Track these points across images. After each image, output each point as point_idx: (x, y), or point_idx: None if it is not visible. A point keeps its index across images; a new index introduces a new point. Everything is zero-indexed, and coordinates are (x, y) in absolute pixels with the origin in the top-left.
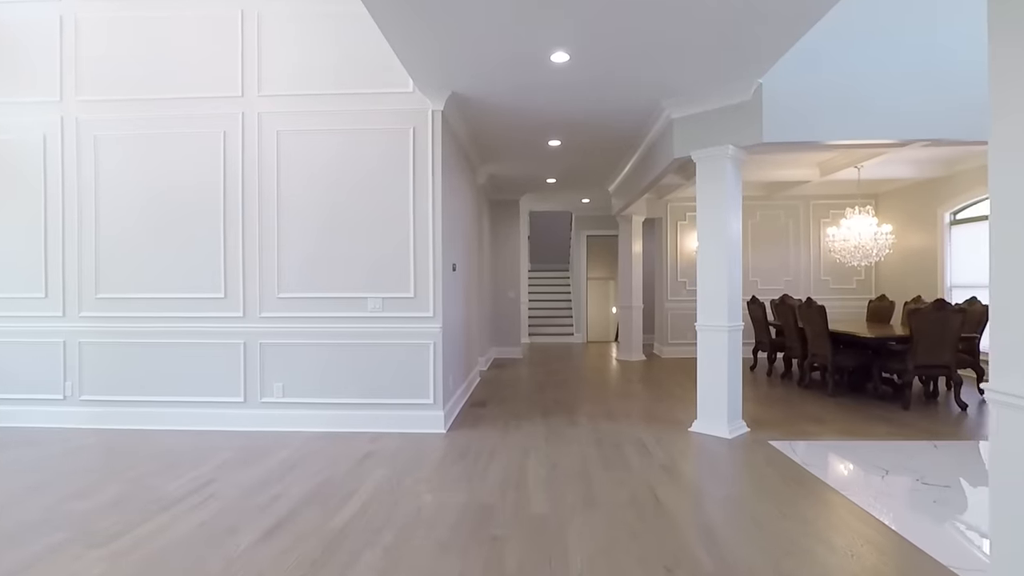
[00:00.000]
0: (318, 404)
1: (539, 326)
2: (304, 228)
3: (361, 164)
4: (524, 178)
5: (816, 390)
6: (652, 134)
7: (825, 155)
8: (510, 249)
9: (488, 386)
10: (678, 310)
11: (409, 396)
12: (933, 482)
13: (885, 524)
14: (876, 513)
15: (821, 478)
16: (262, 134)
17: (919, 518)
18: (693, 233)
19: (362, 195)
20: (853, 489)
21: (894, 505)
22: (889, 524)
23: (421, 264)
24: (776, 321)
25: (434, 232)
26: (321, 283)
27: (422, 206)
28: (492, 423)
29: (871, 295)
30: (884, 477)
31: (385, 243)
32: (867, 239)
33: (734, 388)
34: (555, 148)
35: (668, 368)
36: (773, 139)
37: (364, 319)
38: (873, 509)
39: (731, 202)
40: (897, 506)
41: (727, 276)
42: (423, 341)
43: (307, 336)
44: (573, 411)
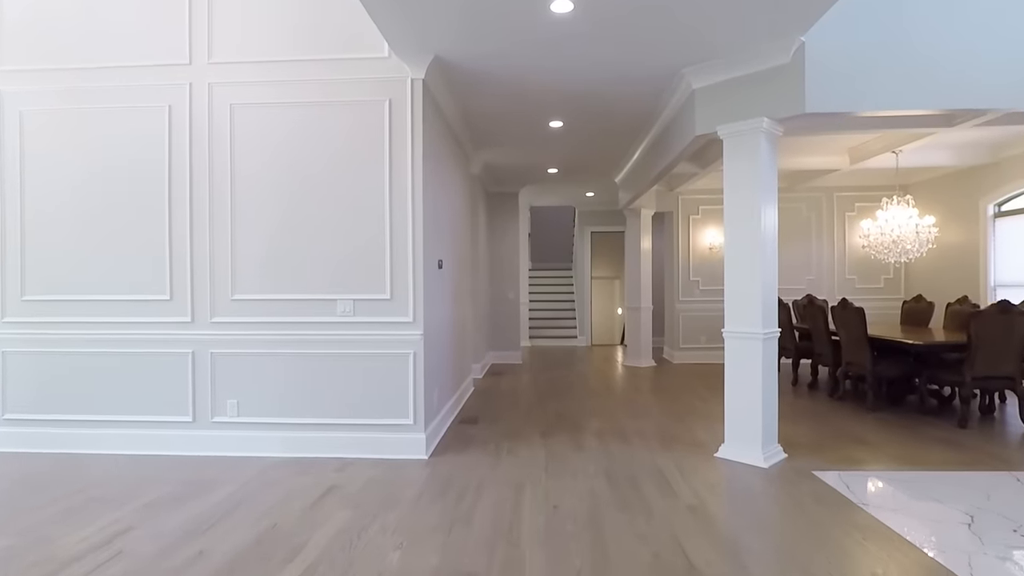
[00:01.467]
0: (278, 425)
1: (540, 328)
2: (263, 219)
3: (329, 143)
4: (523, 168)
5: (851, 403)
6: (668, 110)
7: (858, 139)
8: (509, 246)
9: (482, 398)
10: (690, 312)
11: (385, 415)
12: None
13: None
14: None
15: (890, 526)
16: (213, 108)
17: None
18: (707, 228)
19: (330, 179)
20: (936, 543)
21: (998, 572)
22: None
23: (399, 261)
24: (801, 324)
25: (414, 223)
26: (282, 283)
27: (400, 192)
28: (483, 446)
29: (900, 295)
30: (971, 526)
31: (357, 236)
32: (907, 233)
33: (769, 407)
34: (557, 131)
35: (681, 375)
36: (817, 109)
37: (332, 325)
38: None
39: (765, 185)
40: (1006, 574)
41: (761, 274)
42: (401, 351)
43: (266, 345)
44: (578, 429)
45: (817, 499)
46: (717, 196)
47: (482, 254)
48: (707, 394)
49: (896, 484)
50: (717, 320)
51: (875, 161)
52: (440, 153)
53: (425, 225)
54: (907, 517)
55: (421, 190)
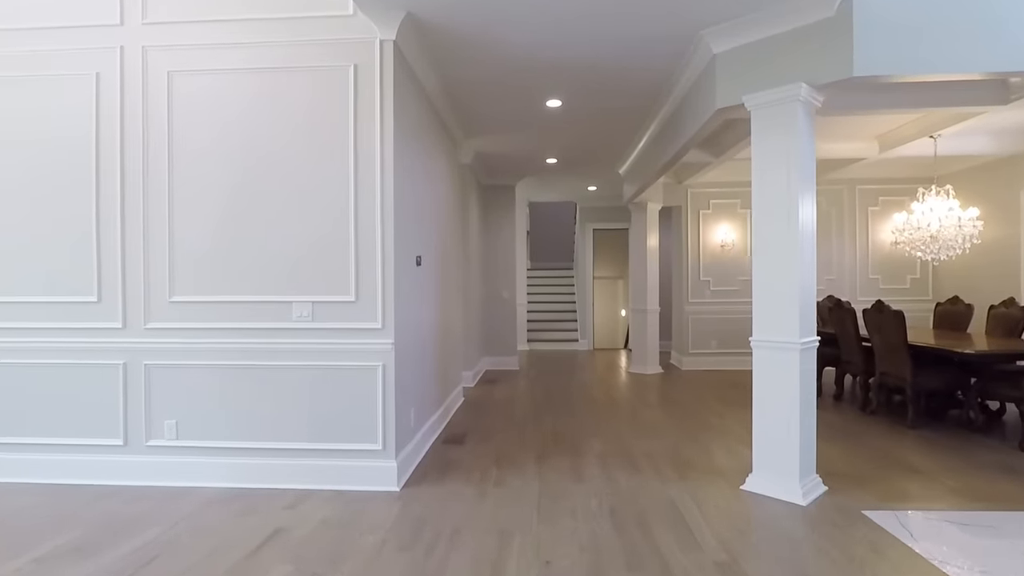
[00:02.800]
0: (224, 450)
1: (540, 331)
2: (206, 207)
3: (284, 117)
4: (519, 157)
5: (886, 418)
6: (682, 84)
7: (889, 124)
8: (504, 243)
9: (471, 411)
10: (700, 314)
11: (349, 439)
12: None
13: None
14: None
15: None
16: (148, 76)
17: None
18: (718, 224)
19: (285, 160)
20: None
21: None
22: None
23: (366, 257)
24: (824, 328)
25: (383, 212)
26: (229, 282)
27: (367, 176)
28: (467, 473)
29: (928, 296)
30: None
31: (317, 227)
32: (948, 227)
33: (808, 430)
34: (554, 113)
35: (692, 385)
36: (868, 71)
37: (288, 332)
38: None
39: (802, 167)
40: None
41: (798, 274)
42: (368, 363)
43: (210, 355)
44: (578, 452)
45: (876, 550)
46: (729, 189)
47: (474, 251)
48: (722, 407)
49: (969, 529)
50: (729, 323)
51: (907, 149)
52: (419, 133)
53: (397, 215)
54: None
55: (392, 173)
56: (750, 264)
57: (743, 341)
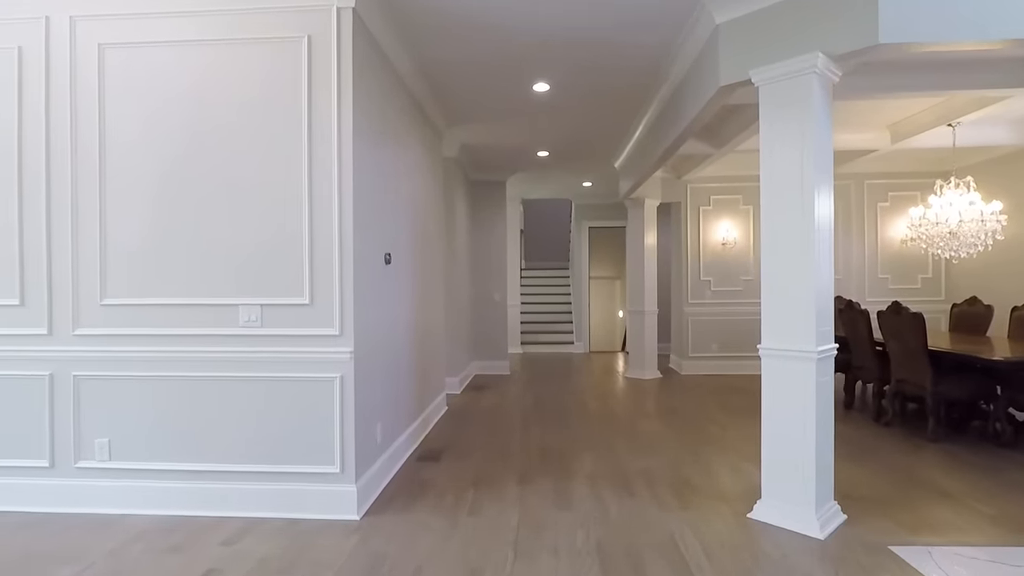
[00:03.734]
0: (162, 472)
1: (534, 333)
2: (142, 198)
3: (229, 96)
4: (508, 150)
5: (902, 430)
6: (681, 62)
7: (904, 112)
8: (495, 242)
9: (454, 422)
10: (700, 316)
11: (302, 461)
12: None
13: None
14: None
15: None
16: (77, 49)
17: None
18: (719, 221)
19: (231, 145)
20: None
21: None
22: None
23: (322, 254)
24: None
25: (342, 204)
26: (168, 282)
27: (323, 163)
28: (439, 499)
29: (941, 296)
30: None
31: (266, 220)
32: (970, 222)
33: (825, 452)
34: (543, 98)
35: (692, 391)
36: (896, 38)
37: (234, 339)
38: None
39: (819, 151)
40: None
41: (814, 274)
42: (324, 374)
43: (147, 365)
44: (566, 471)
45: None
46: (731, 184)
47: (462, 250)
48: (724, 417)
49: (1021, 572)
50: (730, 326)
51: (921, 140)
52: (390, 118)
53: (360, 208)
54: None
55: (352, 160)
56: (754, 263)
57: (745, 344)
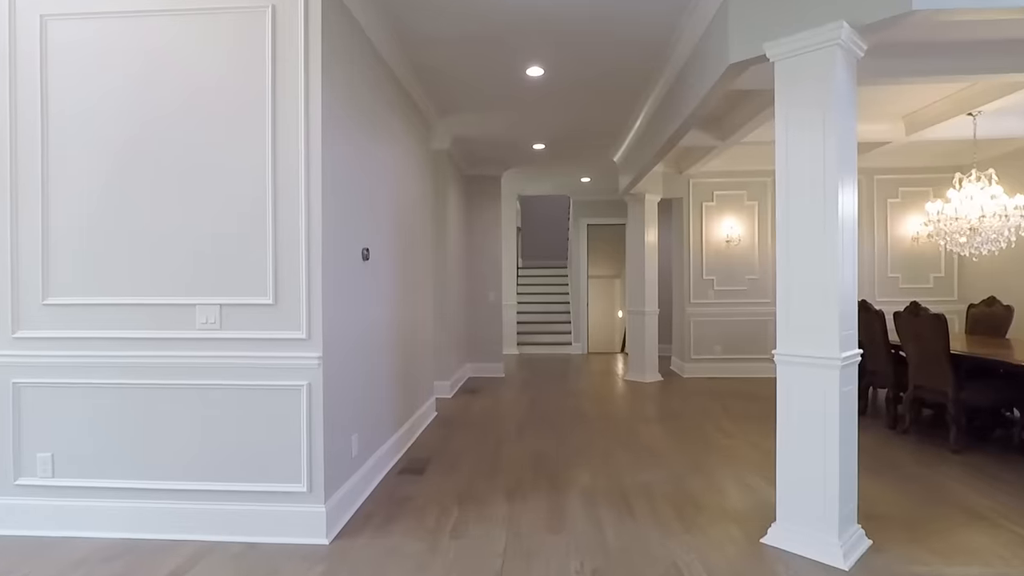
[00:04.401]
0: (110, 491)
1: (531, 334)
2: (89, 188)
3: (185, 73)
4: (503, 142)
5: (920, 438)
6: (685, 42)
7: (920, 100)
8: (490, 239)
9: (442, 429)
10: (703, 317)
11: (265, 478)
12: None
13: None
14: None
15: None
16: (17, 21)
17: None
18: (722, 218)
19: (187, 129)
20: None
21: None
22: None
23: (287, 249)
24: None
25: (309, 194)
26: (118, 281)
27: (288, 149)
28: (420, 519)
29: (953, 296)
30: None
31: (225, 211)
32: (993, 217)
33: (849, 469)
34: (537, 83)
35: (694, 395)
36: (932, 4)
37: (190, 343)
38: None
39: (843, 134)
40: None
41: (838, 272)
42: (289, 382)
43: (94, 372)
44: (560, 485)
45: None
46: (735, 179)
47: (454, 248)
48: (730, 424)
49: None
50: (734, 327)
51: (938, 131)
52: (370, 104)
53: (330, 198)
54: None
55: (320, 146)
56: (758, 261)
57: (750, 346)
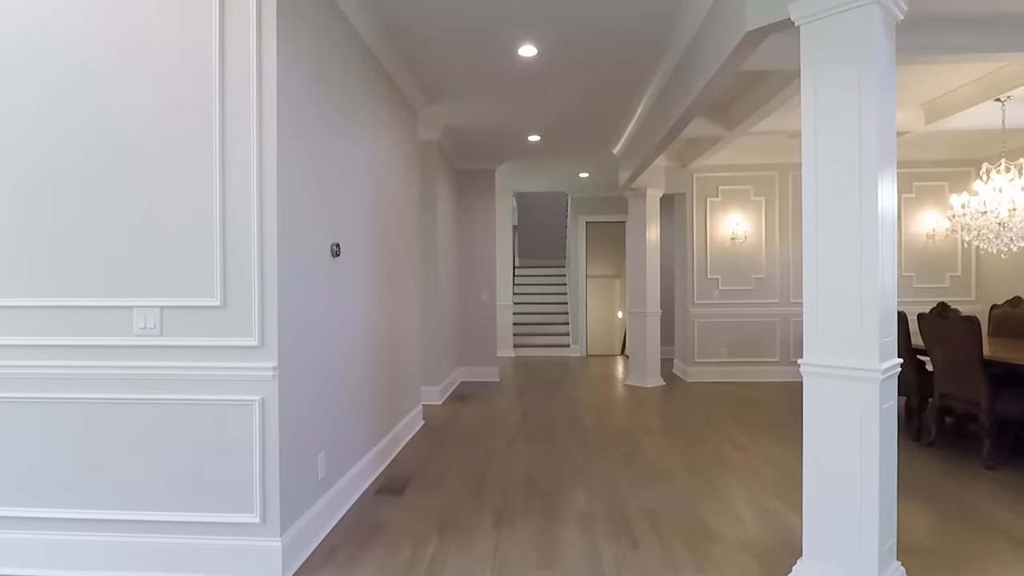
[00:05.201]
0: (30, 521)
1: (527, 335)
2: (6, 173)
3: (116, 42)
4: (496, 133)
5: (947, 452)
6: (692, 16)
7: (942, 86)
8: (483, 237)
9: (428, 441)
10: (707, 318)
11: (212, 508)
12: None
13: None
14: None
15: None
16: None
17: None
18: (728, 214)
19: (122, 102)
20: None
21: None
22: None
23: (236, 244)
24: None
25: (262, 179)
26: (43, 279)
27: (239, 124)
28: (393, 551)
29: (971, 297)
30: None
31: (167, 203)
32: None
33: (889, 499)
34: (531, 65)
35: (700, 402)
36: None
37: (126, 351)
38: None
39: (882, 114)
40: None
41: (877, 271)
42: (239, 396)
43: (11, 384)
44: (554, 509)
45: None
46: (741, 173)
47: (446, 245)
48: (740, 434)
49: None
50: (741, 328)
51: (962, 119)
52: (341, 84)
53: (289, 183)
54: None
55: (276, 125)
56: (766, 260)
57: (757, 349)
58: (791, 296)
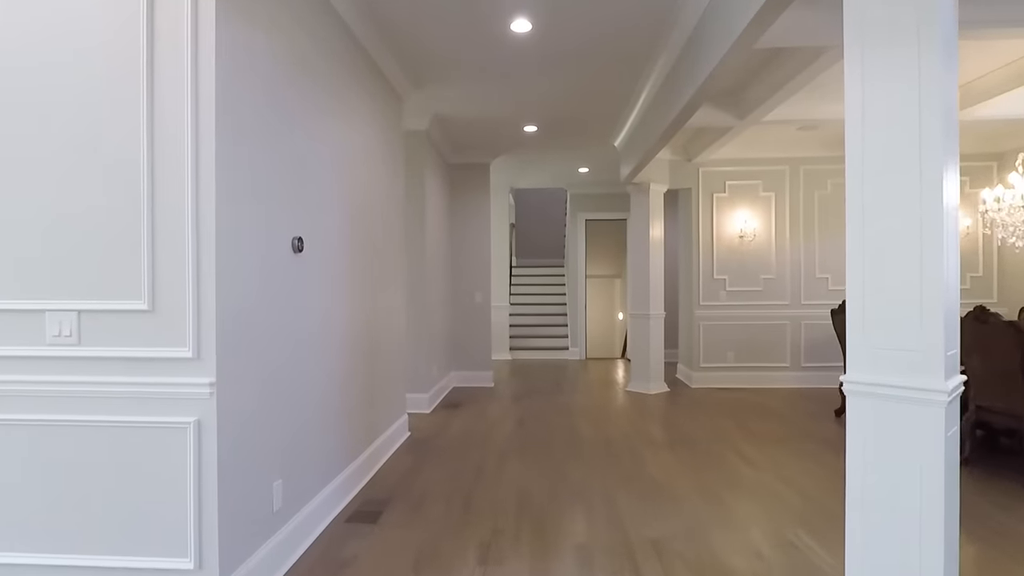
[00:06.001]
0: None
1: (524, 338)
2: None
3: (27, 11)
4: (490, 123)
5: (984, 470)
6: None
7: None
8: (477, 234)
9: (412, 455)
10: (714, 320)
11: (141, 550)
12: None
13: None
14: None
15: None
16: None
17: None
18: (735, 210)
19: (27, 72)
20: None
21: None
22: None
23: (168, 236)
24: None
25: (198, 161)
26: None
27: (170, 105)
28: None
29: (992, 298)
30: None
31: (87, 187)
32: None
33: (953, 550)
34: (525, 44)
35: (707, 410)
36: None
37: (38, 363)
38: None
39: (944, 86)
40: None
41: (941, 273)
42: (170, 418)
43: None
44: (548, 541)
45: None
46: (750, 167)
47: (436, 243)
48: (752, 448)
49: None
50: (749, 331)
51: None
52: (301, 56)
53: (231, 162)
54: None
55: (214, 93)
56: (775, 259)
57: (766, 353)
58: (802, 298)
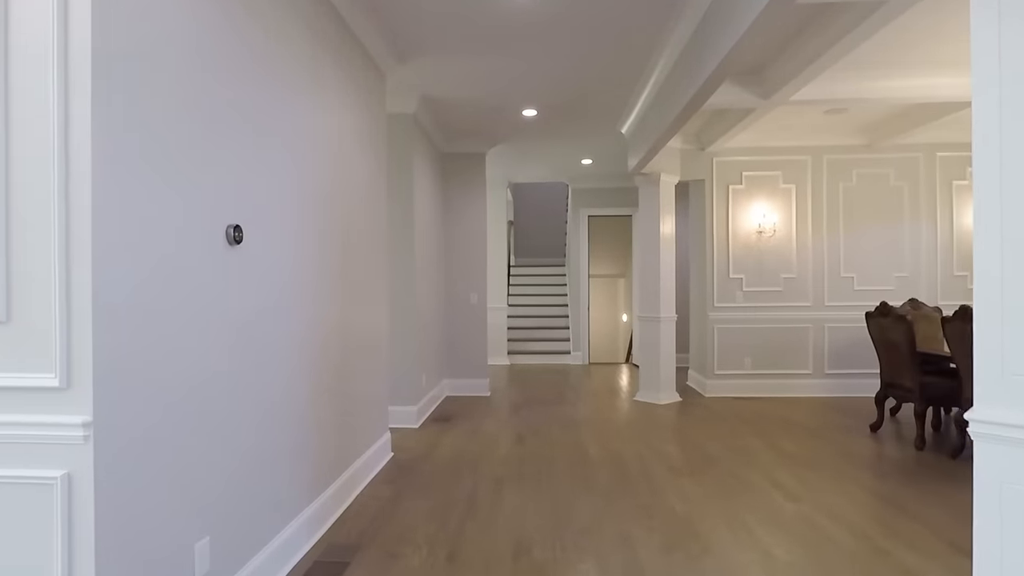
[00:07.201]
0: None
1: (524, 341)
2: None
3: None
4: (485, 106)
5: None
6: None
7: None
8: (472, 230)
9: (393, 484)
10: (729, 324)
11: None
12: None
13: None
14: None
15: None
16: None
17: None
18: (752, 203)
19: None
20: None
21: None
22: None
23: (25, 220)
24: (930, 350)
25: (68, 101)
26: None
27: (29, 11)
28: None
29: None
30: None
31: None
32: None
33: None
34: (524, 10)
35: (725, 423)
36: None
37: None
38: None
39: None
40: None
41: None
42: (30, 472)
43: None
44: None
45: None
46: (768, 157)
47: (426, 240)
48: (787, 475)
49: None
50: (767, 335)
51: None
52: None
53: (116, 126)
54: None
55: (91, 11)
56: (796, 257)
57: (786, 359)
58: (826, 299)
